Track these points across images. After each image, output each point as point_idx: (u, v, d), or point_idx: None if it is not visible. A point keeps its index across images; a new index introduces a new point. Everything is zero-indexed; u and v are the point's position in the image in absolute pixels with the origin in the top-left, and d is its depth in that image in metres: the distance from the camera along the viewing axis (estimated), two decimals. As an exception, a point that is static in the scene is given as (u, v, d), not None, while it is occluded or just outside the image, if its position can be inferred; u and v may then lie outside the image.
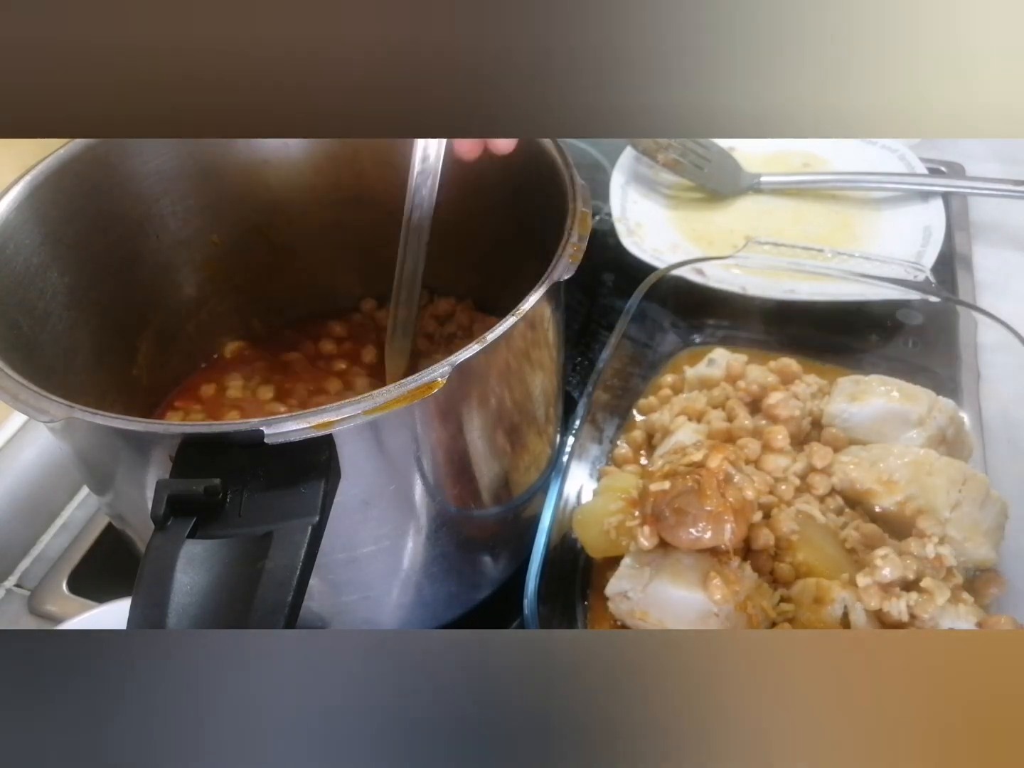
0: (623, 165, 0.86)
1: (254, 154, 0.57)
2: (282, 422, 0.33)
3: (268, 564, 0.30)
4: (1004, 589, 0.47)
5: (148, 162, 0.53)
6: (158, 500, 0.31)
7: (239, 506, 0.32)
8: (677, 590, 0.44)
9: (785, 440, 0.52)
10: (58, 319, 0.49)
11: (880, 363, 0.62)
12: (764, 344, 0.66)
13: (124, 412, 0.35)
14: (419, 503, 0.42)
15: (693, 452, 0.48)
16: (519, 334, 0.40)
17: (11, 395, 0.36)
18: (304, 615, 0.33)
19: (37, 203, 0.47)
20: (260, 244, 0.61)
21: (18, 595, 0.59)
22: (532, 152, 0.49)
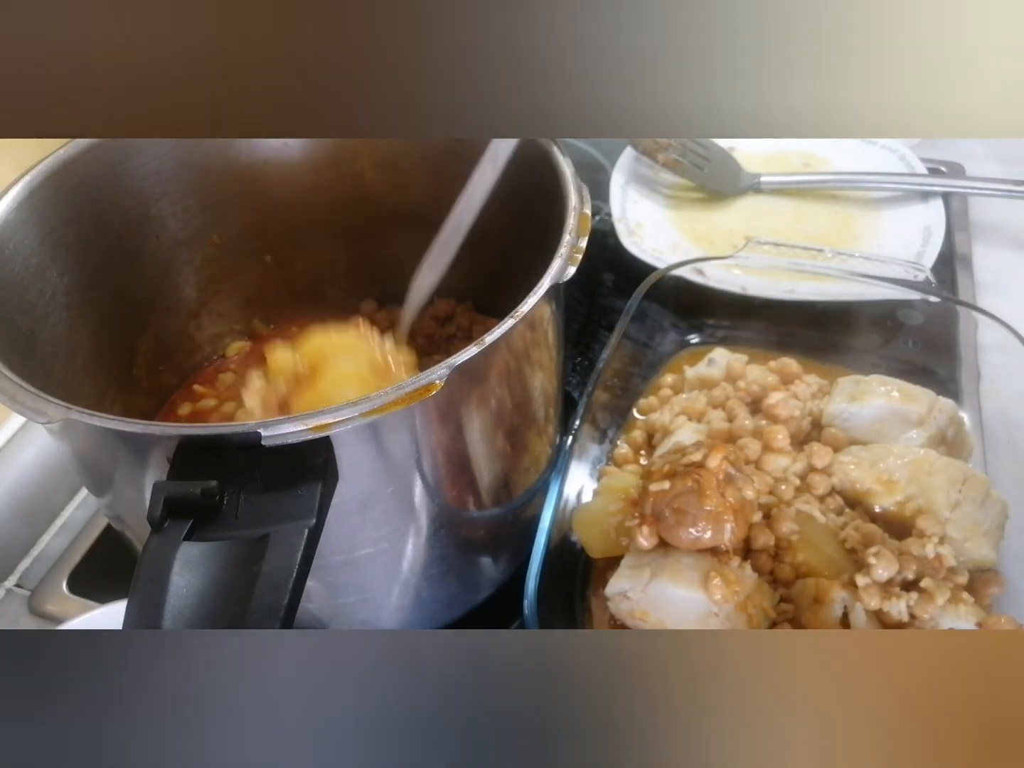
0: (623, 165, 0.86)
1: (254, 154, 0.57)
2: (279, 424, 0.33)
3: (264, 567, 0.30)
4: (1004, 589, 0.47)
5: (148, 163, 0.53)
6: (155, 502, 0.31)
7: (236, 508, 0.32)
8: (677, 590, 0.44)
9: (785, 440, 0.52)
10: (57, 319, 0.49)
11: (880, 363, 0.62)
12: (764, 344, 0.66)
13: (124, 413, 0.35)
14: (418, 505, 0.42)
15: (693, 452, 0.48)
16: (518, 336, 0.40)
17: (8, 396, 0.36)
18: (302, 617, 0.33)
19: (36, 203, 0.47)
20: (260, 244, 0.62)
21: (18, 595, 0.59)
22: (532, 153, 0.49)
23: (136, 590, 0.30)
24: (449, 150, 0.56)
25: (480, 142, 0.52)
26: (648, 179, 0.85)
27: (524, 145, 0.49)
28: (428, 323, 0.66)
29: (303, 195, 0.60)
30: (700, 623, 0.44)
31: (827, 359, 0.63)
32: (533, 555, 0.47)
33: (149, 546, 0.31)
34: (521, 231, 0.52)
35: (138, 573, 0.31)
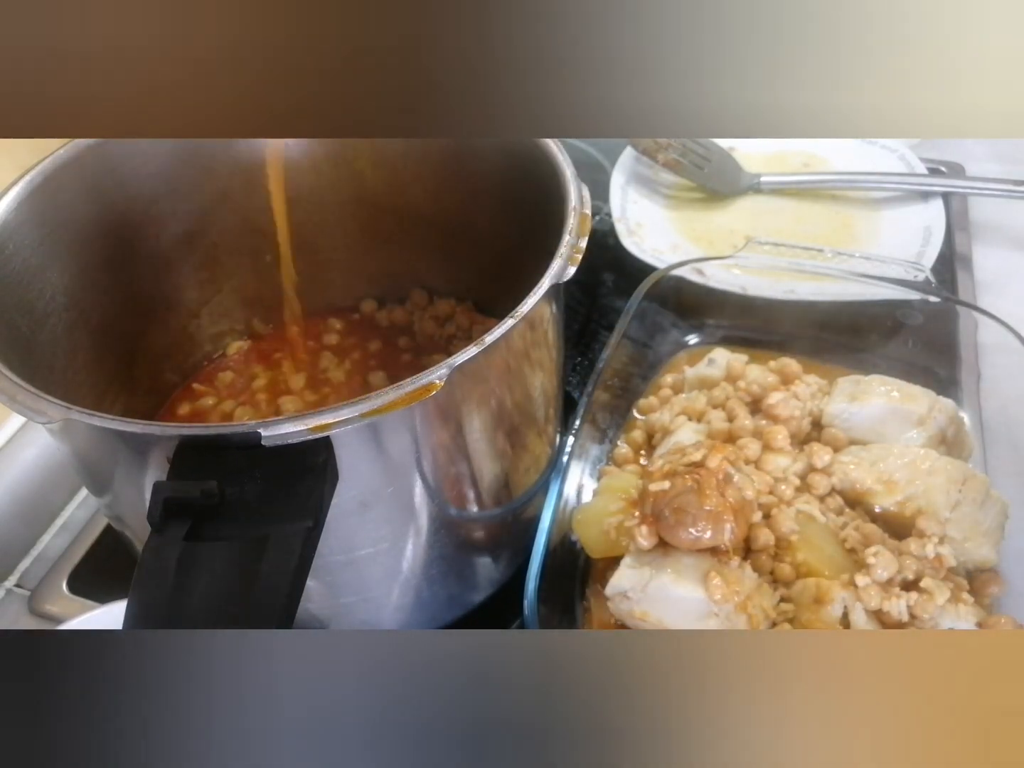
0: (623, 165, 0.86)
1: (254, 155, 0.57)
2: (279, 424, 0.33)
3: (264, 567, 0.30)
4: (1004, 589, 0.47)
5: (147, 163, 0.53)
6: (155, 502, 0.31)
7: (236, 508, 0.32)
8: (677, 590, 0.44)
9: (785, 440, 0.52)
10: (57, 319, 0.48)
11: (880, 363, 0.62)
12: (764, 344, 0.66)
13: (124, 413, 0.35)
14: (418, 505, 0.42)
15: (693, 452, 0.48)
16: (518, 336, 0.40)
17: (8, 396, 0.36)
18: (302, 617, 0.33)
19: (36, 204, 0.47)
20: (260, 245, 0.61)
21: (18, 595, 0.59)
22: (532, 153, 0.49)
23: (136, 590, 0.30)
24: (449, 151, 0.56)
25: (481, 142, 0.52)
26: (648, 179, 0.85)
27: (524, 145, 0.49)
28: (428, 323, 0.66)
29: (302, 196, 0.60)
30: (700, 623, 0.44)
31: (827, 359, 0.63)
32: (533, 555, 0.47)
33: (149, 546, 0.31)
34: (521, 231, 0.52)
35: (138, 573, 0.31)
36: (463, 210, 0.55)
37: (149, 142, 0.52)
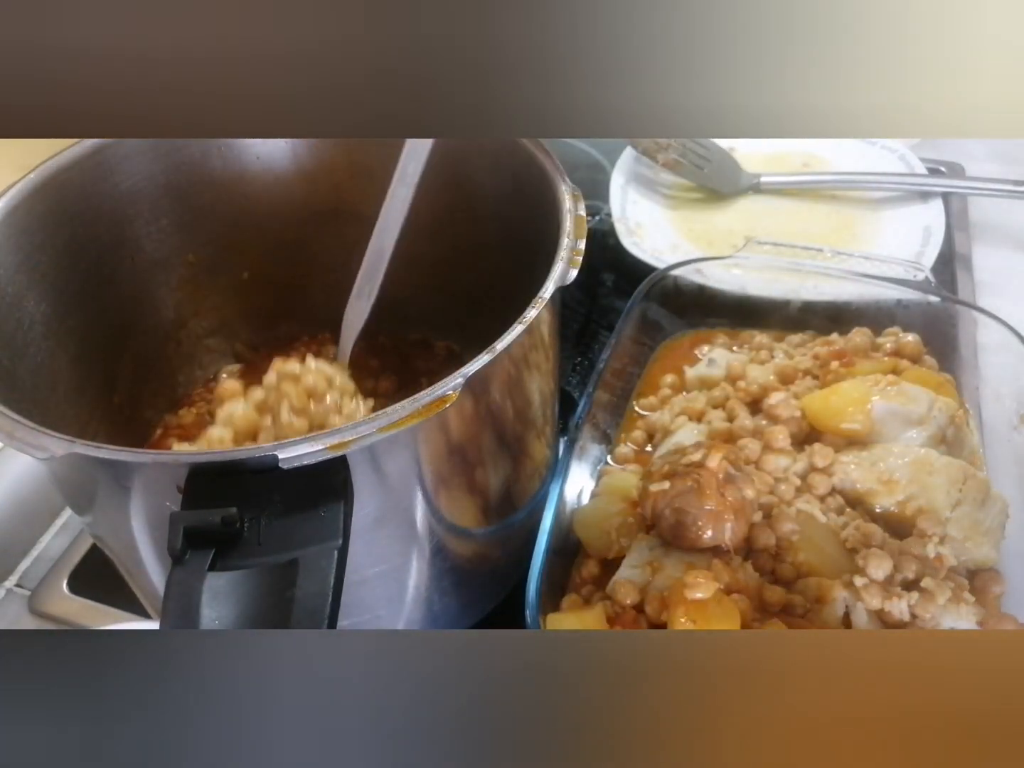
0: (623, 165, 0.86)
1: (228, 170, 0.56)
2: (296, 445, 0.32)
3: (298, 592, 0.29)
4: (1004, 588, 0.47)
5: (119, 184, 0.51)
6: (174, 533, 0.30)
7: (258, 534, 0.31)
8: (677, 590, 0.44)
9: (785, 440, 0.52)
10: (37, 350, 0.47)
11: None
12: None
13: (107, 442, 0.33)
14: (431, 518, 0.42)
15: (693, 452, 0.48)
16: (526, 341, 0.40)
17: (7, 433, 0.34)
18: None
19: (9, 231, 0.45)
20: (236, 262, 0.60)
21: (18, 595, 0.59)
22: (521, 161, 0.48)
23: (165, 626, 0.29)
24: (435, 157, 0.55)
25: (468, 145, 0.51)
26: (648, 179, 0.85)
27: (512, 151, 0.48)
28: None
29: (278, 210, 0.58)
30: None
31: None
32: (534, 557, 0.47)
33: (173, 579, 0.30)
34: (516, 237, 0.51)
35: (166, 608, 0.29)
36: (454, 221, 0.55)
37: (120, 161, 0.51)
